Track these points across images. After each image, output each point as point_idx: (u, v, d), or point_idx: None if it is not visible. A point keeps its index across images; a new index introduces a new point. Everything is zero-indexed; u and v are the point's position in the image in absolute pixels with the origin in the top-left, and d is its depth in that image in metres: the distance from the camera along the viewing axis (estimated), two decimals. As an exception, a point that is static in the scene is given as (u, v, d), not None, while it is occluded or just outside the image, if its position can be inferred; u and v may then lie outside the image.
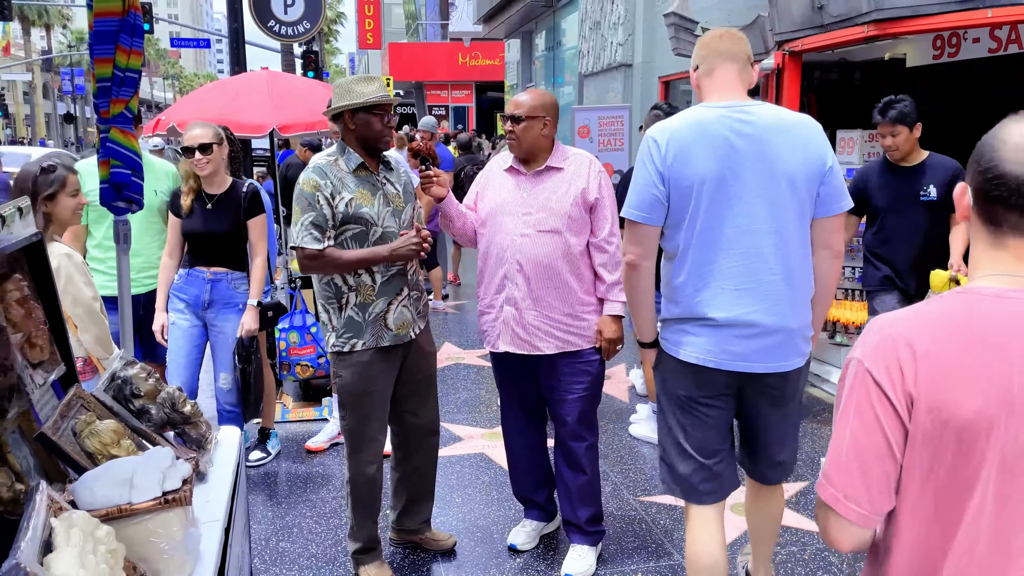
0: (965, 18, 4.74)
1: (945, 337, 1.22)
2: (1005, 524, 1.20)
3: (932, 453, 1.23)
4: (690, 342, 2.42)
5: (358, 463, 3.12)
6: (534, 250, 3.05)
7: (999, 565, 1.21)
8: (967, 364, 1.20)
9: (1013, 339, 1.19)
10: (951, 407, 1.20)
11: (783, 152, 2.30)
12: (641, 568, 3.29)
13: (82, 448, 1.81)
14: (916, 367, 1.22)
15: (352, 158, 3.02)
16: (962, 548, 1.22)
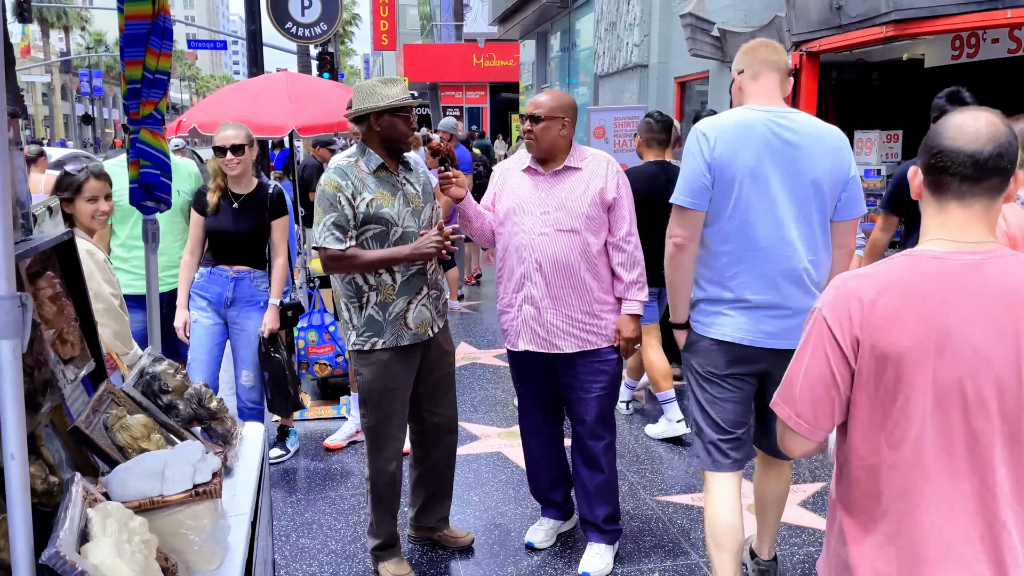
0: (984, 18, 4.73)
1: (888, 291, 1.51)
2: (941, 454, 1.48)
3: (876, 385, 1.52)
4: (724, 322, 2.67)
5: (378, 460, 3.16)
6: (553, 249, 3.07)
7: (941, 479, 1.49)
8: (904, 312, 1.49)
9: (943, 292, 1.48)
10: (888, 346, 1.49)
11: (815, 157, 2.58)
12: (659, 567, 3.31)
13: (113, 442, 1.85)
14: (862, 316, 1.51)
15: (372, 159, 3.05)
16: (906, 470, 1.51)
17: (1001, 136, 1.49)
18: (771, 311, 2.61)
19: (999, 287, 1.47)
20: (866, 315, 1.51)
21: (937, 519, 1.50)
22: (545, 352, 3.17)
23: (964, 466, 1.49)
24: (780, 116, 2.60)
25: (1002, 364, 1.46)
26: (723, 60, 8.16)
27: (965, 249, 1.51)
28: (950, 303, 1.48)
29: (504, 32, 18.79)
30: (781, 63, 2.71)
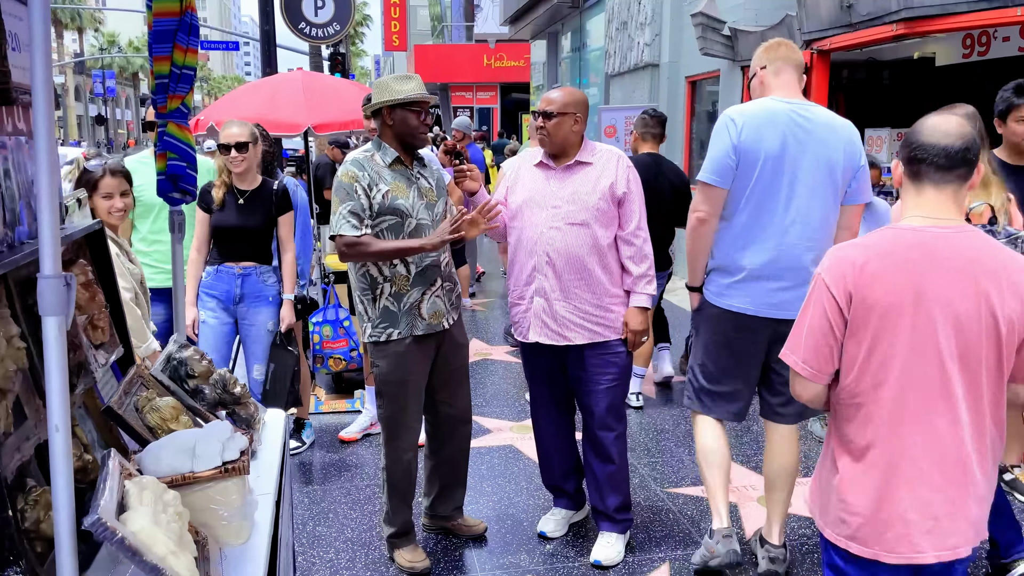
0: (994, 16, 4.76)
1: (875, 256, 1.84)
2: (917, 391, 1.81)
3: (864, 333, 1.84)
4: (733, 294, 3.01)
5: (394, 450, 3.22)
6: (563, 243, 3.13)
7: (917, 414, 1.82)
8: (888, 273, 1.82)
9: (920, 257, 1.81)
10: (875, 299, 1.82)
11: (830, 145, 2.88)
12: (668, 556, 3.36)
13: (143, 422, 1.92)
14: (854, 276, 1.83)
15: (388, 153, 3.12)
16: (888, 405, 1.84)
17: (967, 134, 1.84)
18: (776, 283, 2.93)
19: (965, 255, 1.81)
20: (857, 275, 1.83)
21: (912, 448, 1.83)
22: (555, 344, 3.23)
23: (936, 404, 1.82)
24: (801, 108, 2.91)
25: (967, 317, 1.79)
26: (734, 59, 8.19)
27: (938, 224, 1.84)
28: (925, 266, 1.80)
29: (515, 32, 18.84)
30: (799, 60, 3.02)
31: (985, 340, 1.80)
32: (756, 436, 4.60)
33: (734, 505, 3.80)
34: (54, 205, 1.33)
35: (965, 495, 1.83)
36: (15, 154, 1.77)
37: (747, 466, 4.22)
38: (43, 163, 1.32)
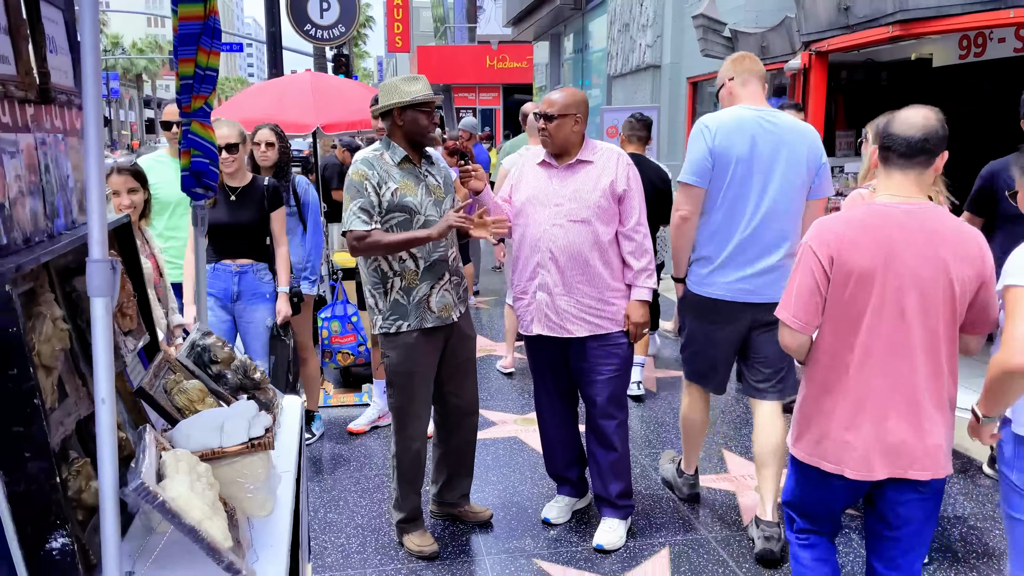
0: (988, 18, 4.86)
1: (852, 227, 2.21)
2: (883, 339, 2.18)
3: (842, 291, 2.20)
4: (712, 283, 3.33)
5: (404, 439, 3.34)
6: (566, 239, 3.24)
7: (883, 358, 2.18)
8: (862, 240, 2.18)
9: (889, 229, 2.17)
10: (852, 263, 2.18)
11: (795, 147, 3.23)
12: (668, 541, 3.47)
13: (172, 403, 2.04)
14: (836, 242, 2.19)
15: (397, 152, 3.23)
16: (860, 357, 2.20)
17: (930, 127, 2.17)
18: (750, 270, 3.26)
19: (927, 227, 2.16)
20: (838, 242, 2.20)
21: (877, 386, 2.20)
22: (558, 336, 3.34)
23: (899, 351, 2.18)
24: (768, 114, 3.28)
25: (928, 280, 2.14)
26: (734, 60, 8.31)
27: (904, 202, 2.20)
28: (894, 237, 2.16)
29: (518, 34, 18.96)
30: (762, 72, 3.42)
31: (942, 299, 2.15)
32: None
33: (732, 494, 3.91)
34: (102, 195, 1.45)
35: (919, 428, 2.19)
36: (53, 150, 1.89)
37: (746, 457, 4.33)
38: (92, 156, 1.44)
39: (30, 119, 1.75)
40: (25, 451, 1.46)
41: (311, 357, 4.64)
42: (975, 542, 3.44)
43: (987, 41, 5.90)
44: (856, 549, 3.37)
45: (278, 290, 4.09)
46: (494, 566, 3.28)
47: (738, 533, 3.54)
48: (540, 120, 3.29)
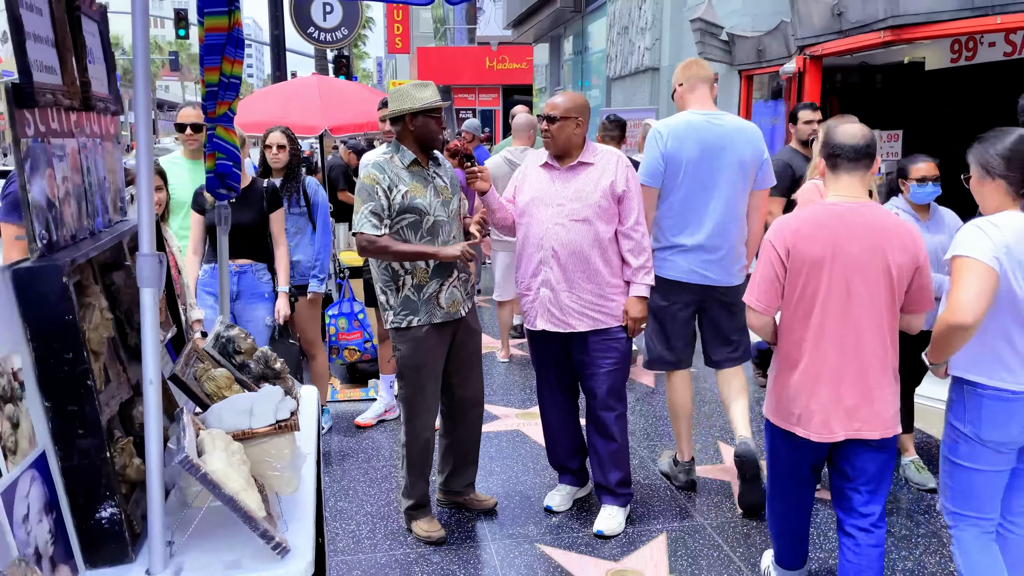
0: (975, 24, 5.01)
1: (806, 223, 2.59)
2: (834, 319, 2.55)
3: (798, 277, 2.58)
4: (670, 266, 3.70)
5: (413, 428, 3.48)
6: (567, 237, 3.39)
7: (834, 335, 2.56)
8: (814, 233, 2.56)
9: (837, 224, 2.55)
10: (805, 254, 2.56)
11: (739, 145, 3.64)
12: (666, 527, 3.62)
13: (202, 390, 2.18)
14: (792, 237, 2.58)
15: (406, 155, 3.38)
16: (814, 335, 2.59)
17: (868, 137, 2.60)
18: (704, 255, 3.66)
19: (869, 222, 2.55)
20: (793, 237, 2.58)
21: (830, 358, 2.58)
22: (561, 331, 3.48)
23: (847, 328, 2.56)
24: (714, 117, 3.66)
25: (869, 267, 2.52)
26: (731, 63, 8.45)
27: (850, 201, 2.59)
28: (840, 230, 2.54)
29: (518, 36, 19.11)
30: (709, 76, 3.75)
31: (883, 284, 2.52)
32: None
33: (727, 483, 4.06)
34: (150, 195, 1.59)
35: (868, 394, 2.58)
36: (92, 154, 2.04)
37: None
38: (143, 159, 1.58)
39: (74, 125, 1.90)
40: (79, 428, 1.60)
41: (319, 353, 4.78)
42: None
43: (977, 45, 6.06)
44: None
45: (278, 290, 4.20)
46: (499, 550, 3.42)
47: (733, 520, 3.68)
48: (543, 122, 3.44)
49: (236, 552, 1.72)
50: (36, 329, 1.55)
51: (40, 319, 1.55)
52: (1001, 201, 2.50)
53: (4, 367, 1.47)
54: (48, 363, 1.57)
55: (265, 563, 1.67)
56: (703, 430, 4.77)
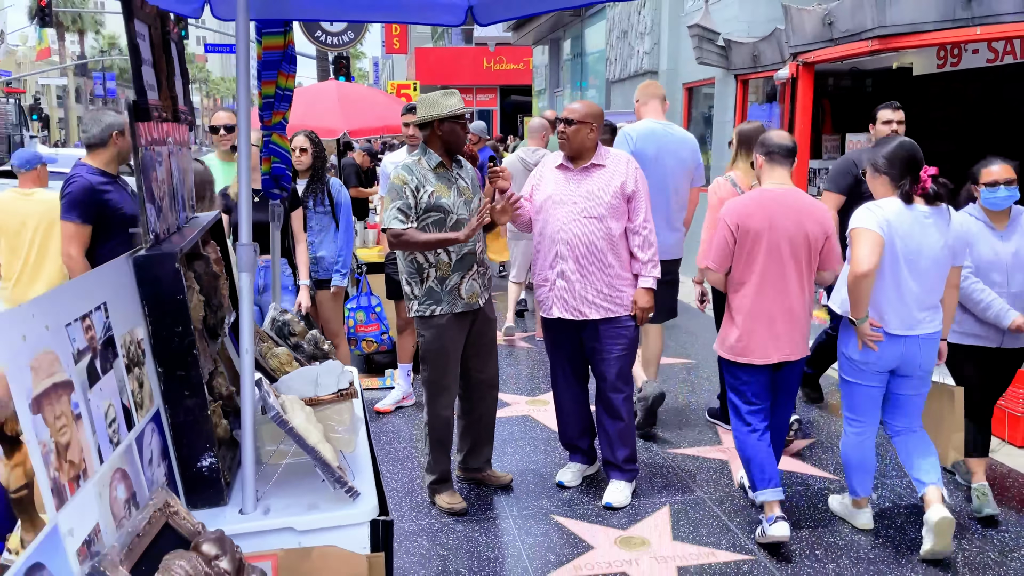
0: (957, 34, 5.33)
1: (749, 203, 3.48)
2: (770, 274, 3.42)
3: (744, 243, 3.43)
4: None
5: (435, 408, 3.79)
6: (582, 233, 3.70)
7: (771, 285, 3.43)
8: (756, 212, 3.42)
9: (772, 204, 3.42)
10: (749, 226, 3.41)
11: (685, 150, 4.69)
12: (669, 501, 3.93)
13: (267, 365, 2.49)
14: (739, 215, 3.43)
15: (432, 158, 3.68)
16: (755, 286, 3.45)
17: (792, 139, 3.51)
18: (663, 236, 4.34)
19: (793, 202, 3.45)
20: (741, 214, 3.44)
21: (767, 303, 3.46)
22: (574, 319, 3.80)
23: (781, 280, 3.43)
24: (667, 126, 4.71)
25: (794, 236, 3.41)
26: (728, 68, 8.77)
27: (780, 188, 3.48)
28: (775, 209, 3.42)
29: (518, 39, 19.42)
30: (661, 93, 4.86)
31: (804, 248, 3.42)
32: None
33: (726, 463, 4.38)
34: (248, 193, 1.90)
35: (794, 329, 3.49)
36: (177, 158, 2.35)
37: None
38: (243, 164, 1.89)
39: (166, 134, 2.21)
40: (185, 391, 1.91)
41: (342, 343, 5.08)
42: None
43: (962, 52, 6.38)
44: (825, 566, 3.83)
45: (299, 283, 4.52)
46: (516, 520, 3.74)
47: (731, 494, 4.00)
48: (560, 124, 3.75)
49: (313, 497, 2.03)
50: (152, 306, 1.86)
51: (156, 298, 1.86)
52: (885, 191, 3.39)
53: (132, 338, 1.78)
54: (161, 335, 1.88)
55: (339, 505, 1.98)
56: (702, 415, 5.08)
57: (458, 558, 3.43)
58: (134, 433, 1.69)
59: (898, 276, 3.29)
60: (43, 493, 1.27)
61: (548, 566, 3.36)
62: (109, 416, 1.57)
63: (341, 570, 1.77)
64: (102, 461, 1.51)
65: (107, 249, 3.97)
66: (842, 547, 3.50)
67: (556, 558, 3.42)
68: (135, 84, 1.90)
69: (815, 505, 3.89)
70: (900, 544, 3.52)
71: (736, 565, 3.36)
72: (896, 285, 3.30)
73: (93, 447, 1.48)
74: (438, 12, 2.93)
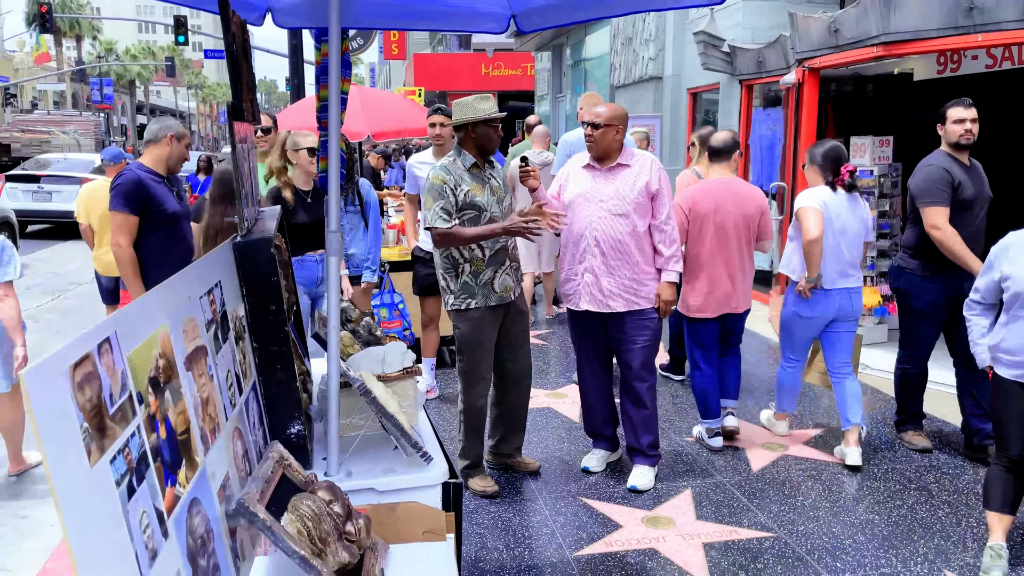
0: (960, 41, 5.56)
1: (699, 192, 4.47)
2: (718, 246, 4.41)
3: (696, 223, 4.42)
4: None
5: (470, 396, 3.99)
6: (609, 230, 3.90)
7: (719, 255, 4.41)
8: (703, 199, 4.42)
9: (718, 192, 4.43)
10: (699, 210, 4.41)
11: None
12: (690, 484, 4.13)
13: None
14: (691, 201, 4.44)
15: (467, 158, 3.88)
16: (707, 257, 4.42)
17: (734, 138, 4.49)
18: None
19: (734, 190, 4.43)
20: (692, 200, 4.41)
21: (718, 270, 4.40)
22: (601, 312, 4.00)
23: (727, 251, 4.39)
24: None
25: (737, 216, 4.38)
26: (732, 73, 9.01)
27: (725, 178, 4.47)
28: (721, 195, 4.40)
29: (520, 45, 19.65)
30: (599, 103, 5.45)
31: (743, 225, 4.37)
32: (759, 399, 5.38)
33: (743, 450, 4.58)
34: (337, 188, 2.10)
35: (738, 289, 4.44)
36: (250, 156, 2.54)
37: (753, 422, 4.99)
38: (333, 161, 2.09)
39: (245, 133, 2.41)
40: (277, 364, 2.11)
41: (370, 337, 5.27)
42: (947, 485, 4.13)
43: (962, 58, 6.62)
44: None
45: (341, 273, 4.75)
46: (547, 502, 3.93)
47: (749, 478, 4.20)
48: (587, 128, 3.94)
49: (387, 463, 2.23)
50: (250, 287, 2.06)
51: (253, 279, 2.06)
52: (817, 180, 4.36)
53: (237, 314, 1.98)
54: (257, 313, 2.07)
55: (414, 468, 2.18)
56: (716, 406, 5.30)
57: (495, 536, 3.62)
58: (243, 397, 1.89)
59: (836, 243, 4.25)
60: (195, 438, 1.47)
61: (581, 543, 3.55)
62: (228, 381, 1.77)
63: (424, 523, 1.96)
64: (226, 419, 1.70)
65: (152, 242, 4.18)
66: (857, 525, 3.70)
67: (588, 536, 3.61)
68: (232, 87, 2.09)
69: (829, 488, 4.09)
70: (913, 524, 3.72)
71: (759, 541, 3.56)
72: (834, 249, 4.25)
73: (221, 406, 1.67)
74: (482, 20, 3.13)
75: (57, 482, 0.97)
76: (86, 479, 1.05)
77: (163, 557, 1.24)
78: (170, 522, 1.30)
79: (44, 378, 0.99)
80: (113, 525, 1.10)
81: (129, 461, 1.18)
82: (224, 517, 1.55)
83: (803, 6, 8.07)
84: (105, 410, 1.13)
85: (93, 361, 1.12)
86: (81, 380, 1.08)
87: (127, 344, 1.25)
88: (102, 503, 1.08)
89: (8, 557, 3.54)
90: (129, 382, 1.23)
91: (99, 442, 1.10)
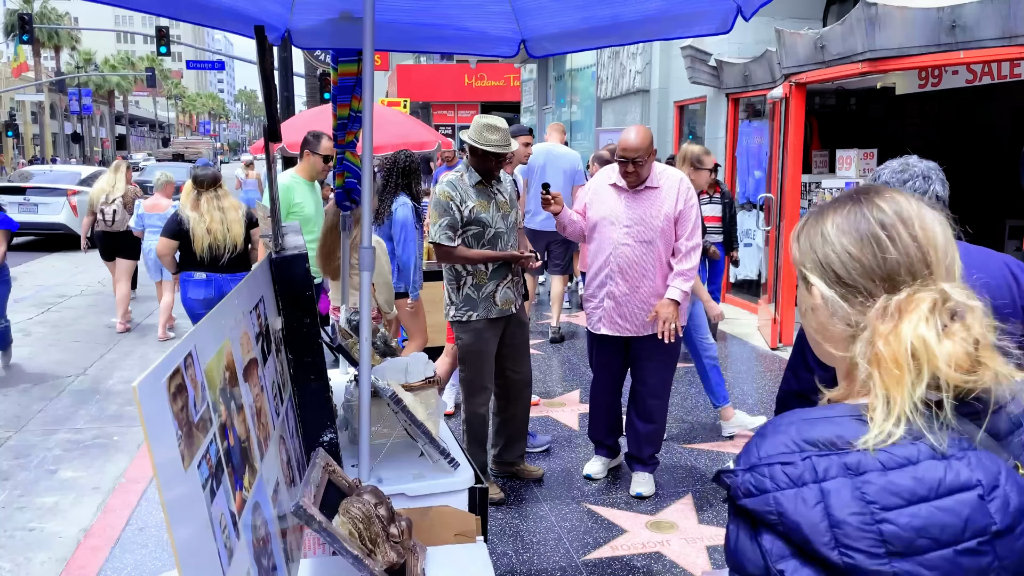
0: (942, 58, 5.74)
1: None
2: None
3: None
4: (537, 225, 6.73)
5: (473, 405, 4.07)
6: (633, 256, 3.93)
7: None
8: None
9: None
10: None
11: (563, 161, 7.20)
12: (691, 489, 4.24)
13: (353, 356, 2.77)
14: None
15: (473, 175, 3.97)
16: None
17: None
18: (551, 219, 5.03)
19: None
20: None
21: None
22: (620, 336, 4.06)
23: None
24: (556, 147, 7.31)
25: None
26: (719, 87, 9.19)
27: None
28: None
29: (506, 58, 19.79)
30: (561, 128, 7.66)
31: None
32: (751, 409, 5.50)
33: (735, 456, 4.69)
34: (371, 203, 2.19)
35: None
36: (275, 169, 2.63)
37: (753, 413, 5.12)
38: (367, 179, 2.18)
39: (273, 150, 2.49)
40: (311, 374, 2.19)
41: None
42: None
43: (943, 73, 6.82)
44: None
45: None
46: (552, 508, 4.02)
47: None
48: (627, 164, 3.88)
49: (417, 468, 2.32)
50: (286, 300, 2.14)
51: (289, 294, 2.14)
52: None
53: (275, 327, 2.06)
54: (292, 326, 2.16)
55: (441, 473, 2.27)
56: (713, 414, 5.41)
57: (503, 542, 3.71)
58: (285, 407, 1.97)
59: None
60: (253, 446, 1.55)
61: (588, 547, 3.65)
62: (273, 391, 1.85)
63: (455, 526, 2.05)
64: (274, 427, 1.79)
65: None
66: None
67: (594, 540, 3.71)
68: (267, 109, 2.18)
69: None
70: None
71: (759, 544, 3.66)
72: None
73: (270, 415, 1.76)
74: (494, 44, 3.24)
75: (164, 486, 1.06)
76: (182, 483, 1.13)
77: (237, 556, 1.33)
78: (240, 524, 1.38)
79: (150, 390, 1.08)
80: (203, 525, 1.19)
81: (211, 466, 1.26)
82: (277, 520, 1.63)
83: (788, 22, 8.26)
84: (192, 419, 1.22)
85: (181, 374, 1.21)
86: (175, 391, 1.16)
87: (203, 357, 1.33)
88: (194, 505, 1.17)
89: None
90: (207, 393, 1.31)
91: (189, 448, 1.18)
